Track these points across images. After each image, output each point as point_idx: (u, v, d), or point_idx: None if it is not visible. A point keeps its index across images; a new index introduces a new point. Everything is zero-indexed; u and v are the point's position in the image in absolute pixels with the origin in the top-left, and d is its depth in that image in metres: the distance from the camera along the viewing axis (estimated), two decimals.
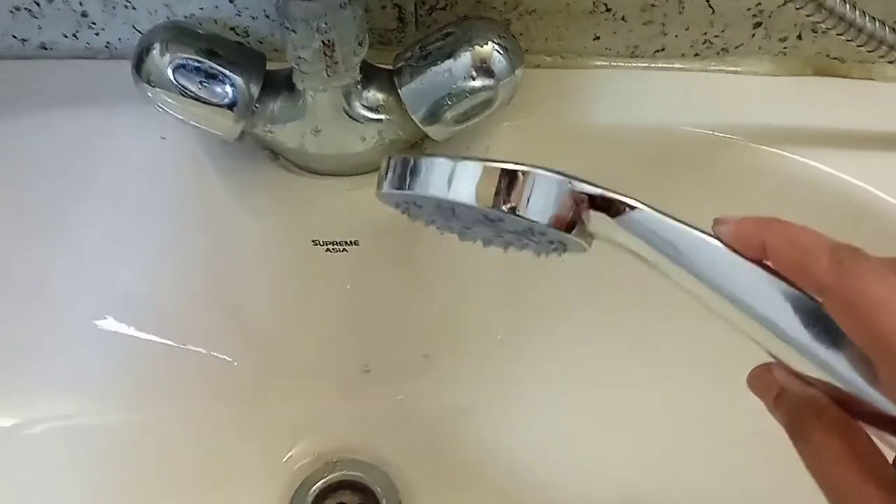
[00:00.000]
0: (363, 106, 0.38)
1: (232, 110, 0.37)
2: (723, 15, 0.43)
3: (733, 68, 0.45)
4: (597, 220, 0.27)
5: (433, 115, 0.38)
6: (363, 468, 0.47)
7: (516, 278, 0.47)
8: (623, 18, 0.43)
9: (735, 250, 0.25)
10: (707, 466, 0.43)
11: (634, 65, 0.45)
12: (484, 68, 0.36)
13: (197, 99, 0.37)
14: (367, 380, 0.48)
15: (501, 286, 0.47)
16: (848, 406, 0.24)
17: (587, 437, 0.46)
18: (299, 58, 0.35)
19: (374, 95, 0.38)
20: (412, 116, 0.38)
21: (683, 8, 0.43)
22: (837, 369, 0.24)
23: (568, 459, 0.45)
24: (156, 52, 0.36)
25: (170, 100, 0.37)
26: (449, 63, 0.37)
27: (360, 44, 0.36)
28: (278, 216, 0.42)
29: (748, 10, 0.43)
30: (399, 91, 0.38)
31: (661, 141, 0.42)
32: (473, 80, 0.36)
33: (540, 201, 0.27)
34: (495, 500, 0.45)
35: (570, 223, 0.27)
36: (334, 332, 0.47)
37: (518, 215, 0.28)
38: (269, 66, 0.39)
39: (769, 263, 0.25)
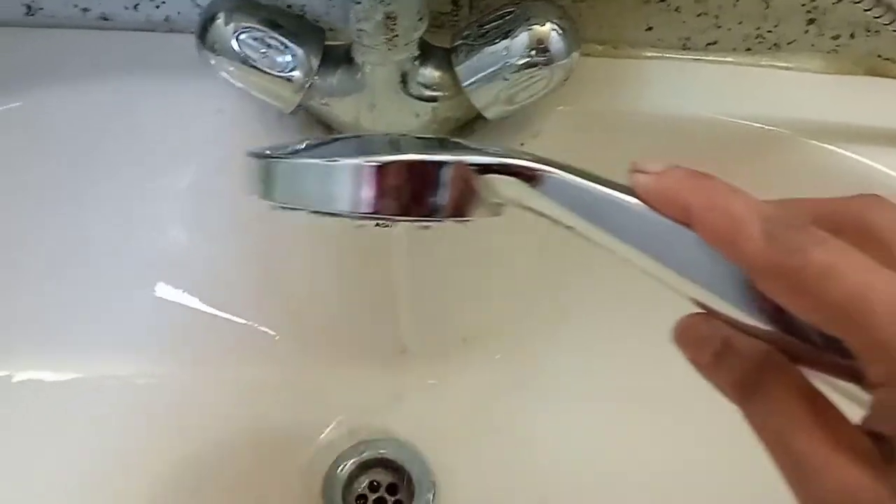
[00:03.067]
0: (419, 83, 0.39)
1: (292, 81, 0.38)
2: (777, 10, 0.43)
3: (784, 64, 0.46)
4: (497, 189, 0.24)
5: (488, 95, 0.38)
6: (397, 447, 0.47)
7: (557, 266, 0.47)
8: (677, 9, 0.43)
9: (655, 209, 0.22)
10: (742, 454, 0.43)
11: (685, 57, 0.45)
12: (541, 48, 0.37)
13: (258, 68, 0.37)
14: (405, 360, 0.49)
15: (542, 273, 0.48)
16: (790, 352, 0.22)
17: (621, 423, 0.46)
18: (360, 30, 0.36)
19: (431, 73, 0.39)
20: (467, 95, 0.39)
21: (738, 1, 0.43)
22: (784, 329, 0.21)
23: (601, 444, 0.45)
24: (220, 20, 0.37)
25: (232, 68, 0.38)
26: (506, 42, 0.37)
27: (420, 19, 0.36)
28: None
29: (802, 5, 0.43)
30: (455, 69, 0.38)
31: (712, 132, 0.42)
32: (530, 59, 0.37)
33: (423, 194, 0.24)
34: (528, 482, 0.46)
35: (465, 206, 0.24)
36: (374, 310, 0.48)
37: (395, 219, 0.25)
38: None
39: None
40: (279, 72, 0.38)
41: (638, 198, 0.23)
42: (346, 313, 0.47)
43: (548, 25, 0.36)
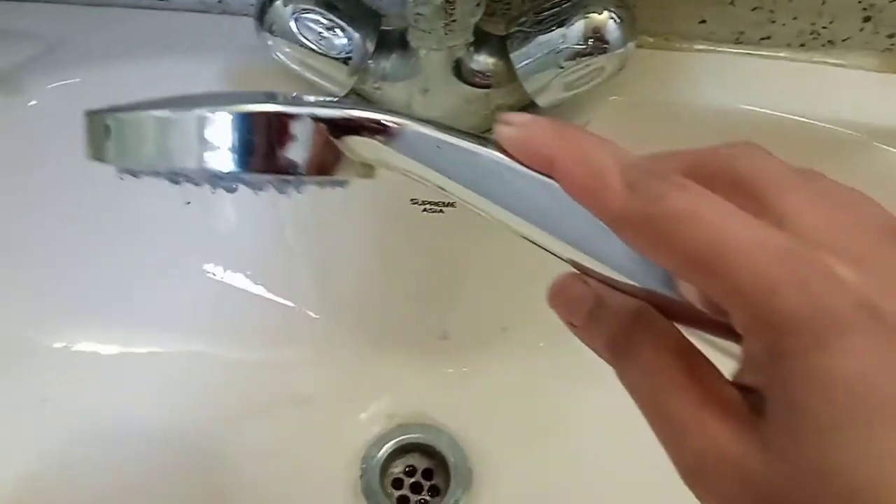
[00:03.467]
0: (473, 69, 0.39)
1: (347, 64, 0.38)
2: (832, 7, 0.43)
3: (837, 61, 0.45)
4: (354, 148, 0.22)
5: (542, 82, 0.38)
6: (434, 433, 0.48)
7: None
8: (732, 3, 0.43)
9: (520, 162, 0.21)
10: None
11: (738, 51, 0.45)
12: (597, 37, 0.37)
13: (316, 50, 0.38)
14: (445, 346, 0.49)
15: None
16: (667, 309, 0.21)
17: None
18: (418, 14, 0.36)
19: (485, 59, 0.39)
20: (520, 81, 0.39)
21: None
22: (655, 284, 0.21)
23: (644, 433, 0.45)
24: (279, 2, 0.37)
25: (289, 50, 0.38)
26: (563, 30, 0.37)
27: (477, 5, 0.36)
28: (380, 172, 0.43)
29: (858, 2, 0.43)
30: (510, 56, 0.38)
31: (762, 127, 0.42)
32: (586, 47, 0.37)
33: (275, 149, 0.21)
34: (567, 472, 0.46)
35: (327, 164, 0.22)
36: (418, 296, 0.48)
37: (245, 176, 0.22)
38: None
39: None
40: (336, 55, 0.38)
41: (503, 152, 0.21)
42: (389, 298, 0.48)
43: (605, 14, 0.36)
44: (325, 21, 0.38)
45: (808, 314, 0.17)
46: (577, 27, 0.37)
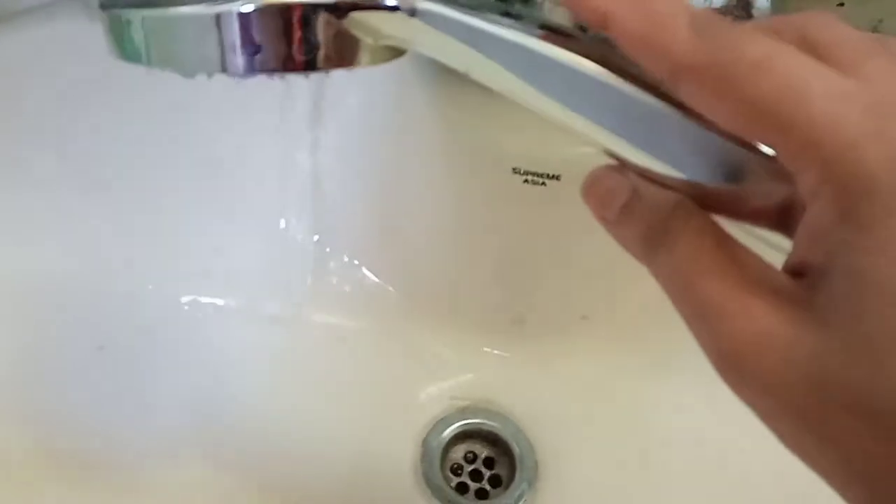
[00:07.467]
0: None
1: None
2: None
3: None
4: (372, 26, 0.20)
5: None
6: (500, 420, 0.45)
7: None
8: None
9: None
10: None
11: None
12: (744, 2, 0.34)
13: None
14: (520, 331, 0.47)
15: None
16: (709, 203, 0.19)
17: (746, 414, 0.43)
18: None
19: None
20: None
21: None
22: (704, 166, 0.19)
23: (722, 435, 0.42)
24: None
25: None
26: None
27: None
28: (482, 136, 0.40)
29: None
30: None
31: None
32: (730, 11, 0.34)
33: (288, 44, 0.20)
34: (637, 474, 0.43)
35: (344, 52, 0.21)
36: (497, 274, 0.46)
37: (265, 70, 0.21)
38: None
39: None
40: None
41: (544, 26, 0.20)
42: (466, 273, 0.45)
43: None
44: None
45: (890, 171, 0.15)
46: None
